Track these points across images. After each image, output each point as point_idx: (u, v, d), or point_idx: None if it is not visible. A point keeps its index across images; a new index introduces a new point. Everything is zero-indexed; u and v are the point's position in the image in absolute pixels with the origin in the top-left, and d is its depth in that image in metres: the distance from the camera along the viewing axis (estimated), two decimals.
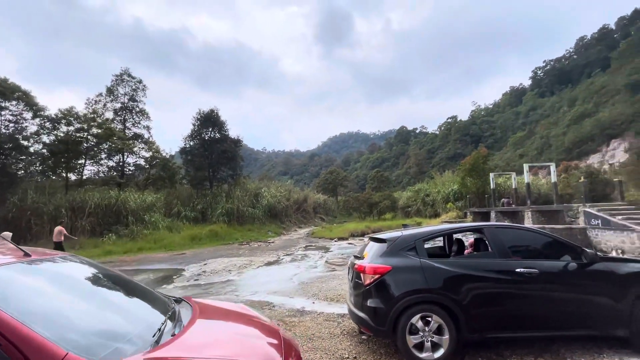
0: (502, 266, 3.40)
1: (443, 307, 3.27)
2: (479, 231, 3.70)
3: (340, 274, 8.93)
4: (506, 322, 3.32)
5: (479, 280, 3.34)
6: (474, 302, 3.28)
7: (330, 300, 6.29)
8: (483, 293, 3.33)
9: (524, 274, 3.35)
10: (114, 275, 2.37)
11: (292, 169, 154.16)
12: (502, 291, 3.34)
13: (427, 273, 3.35)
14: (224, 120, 30.69)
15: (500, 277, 3.36)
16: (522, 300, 3.33)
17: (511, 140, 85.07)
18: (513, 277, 3.35)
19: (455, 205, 25.88)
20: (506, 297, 3.33)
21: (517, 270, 3.37)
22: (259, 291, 7.38)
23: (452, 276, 3.34)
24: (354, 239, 19.44)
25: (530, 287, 3.35)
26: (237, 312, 2.50)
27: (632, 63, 69.99)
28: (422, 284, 3.31)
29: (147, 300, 2.22)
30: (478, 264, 3.42)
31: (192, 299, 2.54)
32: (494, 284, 3.35)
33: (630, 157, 45.75)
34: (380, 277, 3.40)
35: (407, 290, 3.30)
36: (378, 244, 3.79)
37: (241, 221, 26.58)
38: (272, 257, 12.90)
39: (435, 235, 3.70)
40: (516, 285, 3.35)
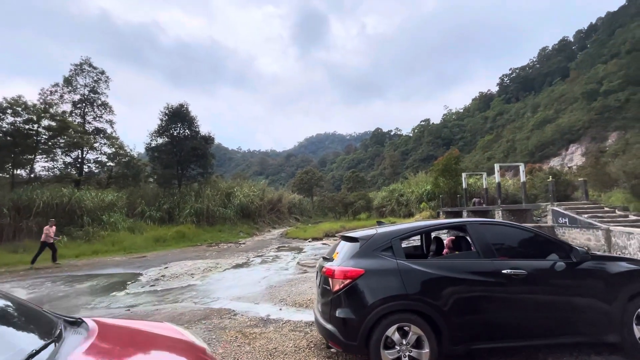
0: (487, 267, 3.02)
1: (423, 315, 2.83)
2: (461, 228, 3.31)
3: (312, 276, 8.41)
4: (493, 331, 2.93)
5: (462, 283, 2.94)
6: (457, 309, 2.86)
7: (299, 306, 5.75)
8: (467, 298, 2.92)
9: (511, 275, 2.99)
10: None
11: (268, 169, 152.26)
12: (488, 295, 2.95)
13: (405, 276, 2.89)
14: (194, 116, 29.32)
15: (485, 279, 2.98)
16: (510, 305, 2.97)
17: (480, 143, 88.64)
18: (499, 279, 2.98)
19: (428, 205, 26.19)
20: (492, 302, 2.95)
21: (503, 271, 2.99)
22: (222, 297, 6.70)
23: (432, 280, 2.91)
24: (329, 239, 18.99)
25: (518, 290, 2.99)
26: (152, 334, 1.91)
27: (588, 73, 75.15)
28: (399, 290, 2.85)
29: (21, 323, 1.59)
30: (461, 265, 3.01)
31: (99, 319, 1.92)
32: (479, 287, 2.96)
33: (587, 161, 48.86)
34: (351, 282, 2.90)
35: (382, 297, 2.83)
36: (350, 244, 3.30)
37: (211, 222, 25.40)
38: (241, 259, 12.15)
39: (414, 233, 3.27)
40: (503, 288, 2.97)
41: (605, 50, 79.77)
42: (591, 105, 66.25)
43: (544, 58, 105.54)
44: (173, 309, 5.76)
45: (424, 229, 3.32)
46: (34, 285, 8.66)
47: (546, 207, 12.67)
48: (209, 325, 4.75)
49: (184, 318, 5.15)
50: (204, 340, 4.11)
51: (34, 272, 10.67)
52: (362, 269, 2.93)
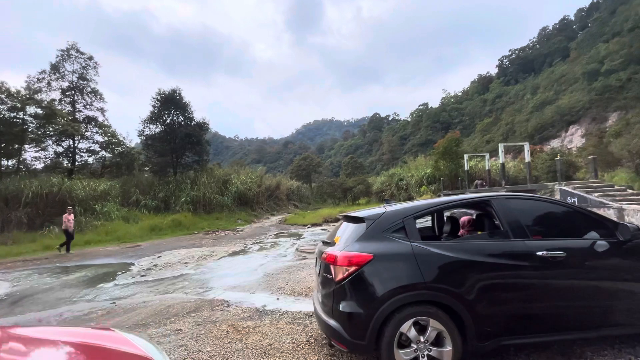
0: (519, 249, 2.54)
1: (444, 307, 2.37)
2: (485, 204, 2.81)
3: (311, 262, 7.99)
4: (527, 324, 2.48)
5: (490, 268, 2.46)
6: (484, 298, 2.40)
7: (298, 295, 5.33)
8: (496, 286, 2.45)
9: (547, 258, 2.51)
10: None
11: (266, 157, 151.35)
12: (520, 282, 2.49)
13: (422, 262, 2.41)
14: (188, 102, 28.42)
15: (517, 263, 2.50)
16: (546, 293, 2.50)
17: (479, 126, 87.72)
18: (533, 262, 2.50)
19: (428, 188, 25.78)
20: (525, 289, 2.48)
21: (538, 253, 2.52)
22: (215, 287, 6.27)
23: (454, 265, 2.43)
24: (328, 225, 18.62)
25: (555, 274, 2.53)
26: (83, 347, 1.40)
27: (589, 53, 73.70)
28: (415, 277, 2.37)
29: None
30: (487, 247, 2.53)
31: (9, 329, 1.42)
32: (510, 273, 2.48)
33: (587, 142, 48.37)
34: (357, 270, 2.42)
35: (394, 286, 2.35)
36: (354, 225, 2.80)
37: (208, 209, 24.96)
38: (238, 247, 11.74)
39: (430, 210, 2.77)
40: (537, 273, 2.51)
41: (606, 29, 78.04)
42: (592, 86, 65.26)
43: (544, 38, 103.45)
44: (161, 301, 5.32)
45: (442, 205, 2.82)
46: (20, 277, 8.22)
47: (553, 187, 12.23)
48: (199, 319, 4.31)
49: (171, 311, 4.71)
50: (192, 336, 3.67)
51: (21, 264, 10.23)
52: (370, 254, 2.44)
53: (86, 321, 4.50)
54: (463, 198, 2.84)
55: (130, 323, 4.27)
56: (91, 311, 4.96)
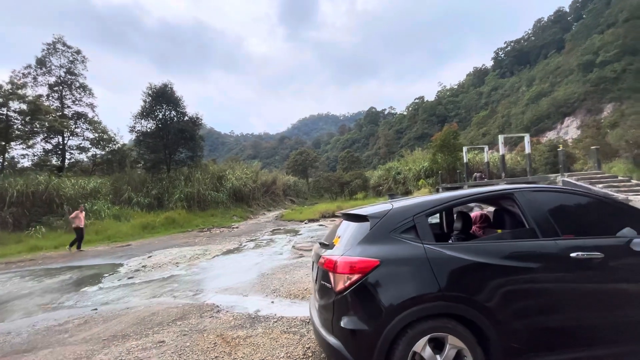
0: (550, 250, 2.17)
1: (464, 321, 2.00)
2: (507, 198, 2.44)
3: (308, 260, 7.63)
4: (560, 337, 2.12)
5: (518, 274, 2.10)
6: (511, 309, 2.04)
7: (294, 297, 4.96)
8: (524, 294, 2.09)
9: (583, 260, 2.15)
10: None
11: (262, 153, 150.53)
12: (552, 289, 2.13)
13: (438, 267, 2.04)
14: (180, 97, 27.75)
15: (548, 267, 2.14)
16: (581, 300, 2.15)
17: (474, 119, 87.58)
18: (567, 266, 2.15)
19: (426, 182, 25.49)
20: (558, 297, 2.13)
21: (572, 255, 2.16)
22: (206, 289, 5.89)
23: (476, 271, 2.06)
24: (325, 220, 18.30)
25: (592, 279, 2.17)
26: None
27: (584, 44, 73.53)
28: (430, 286, 2.00)
29: None
30: (514, 248, 2.17)
31: None
32: (540, 278, 2.12)
33: (582, 133, 48.38)
34: (361, 278, 2.04)
35: (406, 297, 1.98)
36: (356, 224, 2.42)
37: (203, 206, 24.49)
38: (232, 244, 11.35)
39: (446, 206, 2.38)
40: (572, 278, 2.15)
41: (601, 20, 77.82)
42: (587, 77, 65.18)
43: (539, 30, 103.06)
44: (146, 307, 4.92)
45: (458, 200, 2.44)
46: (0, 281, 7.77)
47: (556, 179, 11.96)
48: (185, 328, 3.93)
49: (156, 319, 4.32)
50: (175, 350, 3.29)
51: (4, 267, 9.76)
52: (376, 259, 2.06)
53: (60, 332, 4.10)
54: (482, 192, 2.45)
55: (108, 334, 3.87)
56: (68, 320, 4.56)
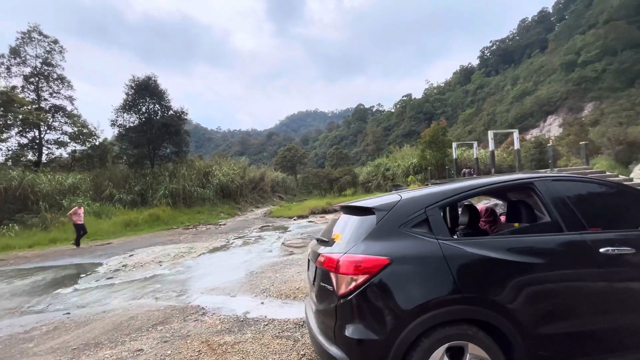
0: (578, 245, 1.96)
1: (486, 327, 1.75)
2: (527, 187, 2.20)
3: (299, 258, 7.35)
4: (590, 342, 1.90)
5: (545, 272, 1.87)
6: (538, 313, 1.81)
7: (285, 297, 4.67)
8: (551, 295, 1.87)
9: (613, 256, 1.94)
10: None
11: (249, 149, 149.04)
12: (582, 288, 1.91)
13: (456, 266, 1.78)
14: (164, 90, 26.85)
15: (576, 264, 1.92)
16: (611, 301, 1.94)
17: (461, 117, 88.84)
18: (597, 262, 1.93)
19: (415, 178, 25.54)
20: (588, 298, 1.91)
21: (601, 250, 1.94)
22: (191, 289, 5.53)
23: (499, 270, 1.82)
24: (315, 217, 18.02)
25: (622, 277, 1.97)
26: None
27: (567, 44, 75.40)
28: (448, 288, 1.74)
29: None
30: (538, 244, 1.93)
31: None
32: (569, 276, 1.90)
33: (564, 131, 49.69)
34: (368, 280, 1.77)
35: (422, 301, 1.72)
36: (359, 218, 2.14)
37: (189, 203, 23.83)
38: (219, 242, 10.95)
39: (461, 196, 2.12)
40: (602, 275, 1.93)
41: (583, 21, 79.94)
42: (569, 77, 66.93)
43: (523, 30, 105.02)
44: (125, 310, 4.54)
45: (473, 190, 2.17)
46: None
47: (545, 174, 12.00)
48: (167, 334, 3.59)
49: (134, 324, 3.95)
50: (155, 358, 2.95)
51: None
52: (386, 257, 1.79)
53: (25, 341, 3.68)
54: (499, 180, 2.21)
55: (79, 342, 3.49)
56: (36, 327, 4.13)
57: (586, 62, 65.64)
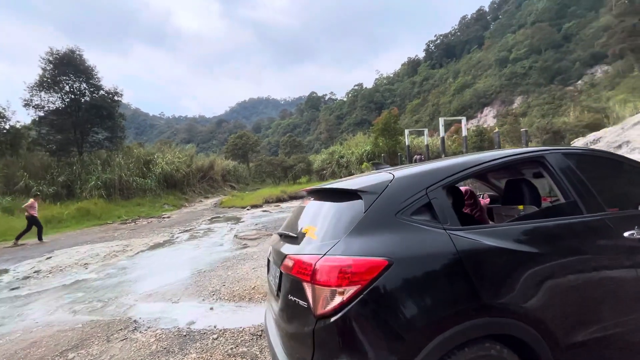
0: (600, 229, 1.63)
1: (509, 341, 1.33)
2: (536, 162, 1.82)
3: (254, 251, 6.68)
4: (621, 347, 1.59)
5: (576, 265, 1.51)
6: (568, 319, 1.45)
7: (239, 299, 4.03)
8: (581, 294, 1.51)
9: (638, 240, 1.64)
10: None
11: (197, 137, 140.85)
12: (610, 281, 1.58)
13: (473, 264, 1.34)
14: (92, 66, 23.49)
15: (602, 252, 1.60)
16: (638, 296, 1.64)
17: (409, 107, 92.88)
18: (622, 249, 1.62)
19: (369, 164, 25.88)
20: (617, 294, 1.59)
21: (625, 234, 1.63)
22: (123, 296, 4.60)
23: (524, 266, 1.41)
24: (269, 206, 17.27)
25: None
26: None
27: (500, 42, 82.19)
28: (467, 295, 1.30)
29: None
30: (569, 230, 1.58)
31: None
32: (595, 268, 1.56)
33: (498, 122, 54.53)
34: (362, 291, 1.24)
35: (436, 317, 1.24)
36: (339, 205, 1.59)
37: (127, 194, 21.41)
38: (162, 237, 9.76)
39: (467, 172, 1.67)
40: (629, 264, 1.63)
41: (514, 21, 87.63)
42: (502, 72, 73.27)
43: (464, 26, 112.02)
44: (25, 333, 3.52)
45: (481, 165, 1.72)
46: None
47: None
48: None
49: (33, 354, 3.01)
50: None
51: None
52: (384, 258, 1.27)
53: None
54: (507, 154, 1.78)
55: None
56: None
57: (516, 59, 72.21)
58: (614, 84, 48.05)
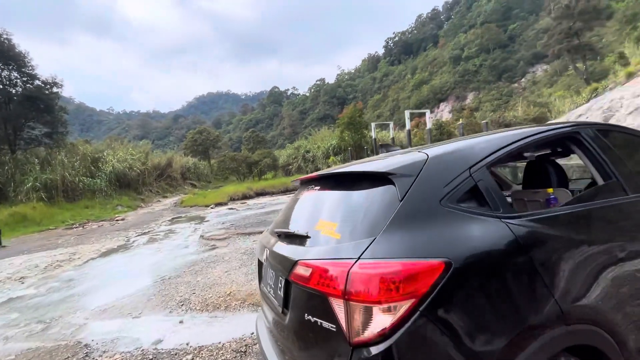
0: None
1: (582, 352, 1.09)
2: (570, 139, 1.60)
3: (225, 252, 6.15)
4: None
5: (636, 256, 1.30)
6: (637, 317, 1.23)
7: (214, 309, 3.56)
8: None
9: None
10: None
11: (152, 133, 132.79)
12: None
13: (541, 261, 1.07)
14: (24, 52, 20.75)
15: None
16: None
17: (370, 102, 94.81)
18: None
19: (336, 159, 25.85)
20: None
21: None
22: (70, 314, 3.90)
23: (593, 257, 1.18)
24: (235, 203, 16.49)
25: None
26: None
27: (453, 41, 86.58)
28: (542, 300, 1.03)
29: None
30: (629, 214, 1.37)
31: None
32: None
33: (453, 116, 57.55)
34: (417, 307, 0.90)
35: (512, 334, 0.94)
36: (364, 193, 1.24)
37: (72, 196, 19.27)
38: (116, 242, 8.77)
39: (512, 148, 1.35)
40: None
41: (465, 21, 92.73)
42: (456, 69, 77.33)
43: (420, 25, 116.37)
44: None
45: (523, 140, 1.40)
46: None
47: None
48: None
49: None
50: None
51: None
52: (440, 259, 0.95)
53: None
54: (542, 129, 1.53)
55: None
56: None
57: (468, 58, 76.53)
58: (552, 81, 52.85)
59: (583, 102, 17.16)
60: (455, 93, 74.87)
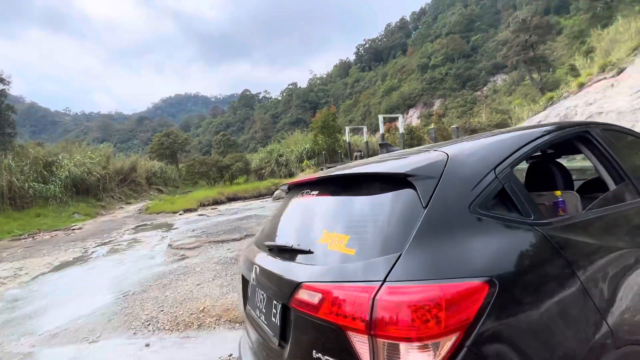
0: None
1: None
2: (579, 138, 1.51)
3: (196, 262, 5.71)
4: None
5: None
6: None
7: (186, 327, 3.20)
8: None
9: None
10: None
11: (115, 135, 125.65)
12: None
13: (587, 277, 0.92)
14: None
15: None
16: None
17: (342, 107, 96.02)
18: None
19: (309, 163, 25.66)
20: None
21: None
22: (13, 340, 3.36)
23: (632, 268, 1.05)
24: (206, 209, 15.77)
25: None
26: None
27: (421, 49, 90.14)
28: (593, 322, 0.87)
29: None
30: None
31: None
32: None
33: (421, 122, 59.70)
34: (463, 342, 0.72)
35: None
36: (378, 198, 1.05)
37: (21, 204, 17.49)
38: (71, 254, 7.95)
39: (536, 145, 1.21)
40: None
41: (431, 31, 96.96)
42: (424, 77, 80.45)
43: (389, 33, 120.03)
44: None
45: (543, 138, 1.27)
46: None
47: None
48: None
49: None
50: None
51: None
52: (482, 279, 0.78)
53: None
54: (553, 128, 1.44)
55: None
56: None
57: (435, 66, 79.91)
58: (511, 90, 56.44)
59: (541, 110, 18.37)
60: (423, 100, 77.72)
